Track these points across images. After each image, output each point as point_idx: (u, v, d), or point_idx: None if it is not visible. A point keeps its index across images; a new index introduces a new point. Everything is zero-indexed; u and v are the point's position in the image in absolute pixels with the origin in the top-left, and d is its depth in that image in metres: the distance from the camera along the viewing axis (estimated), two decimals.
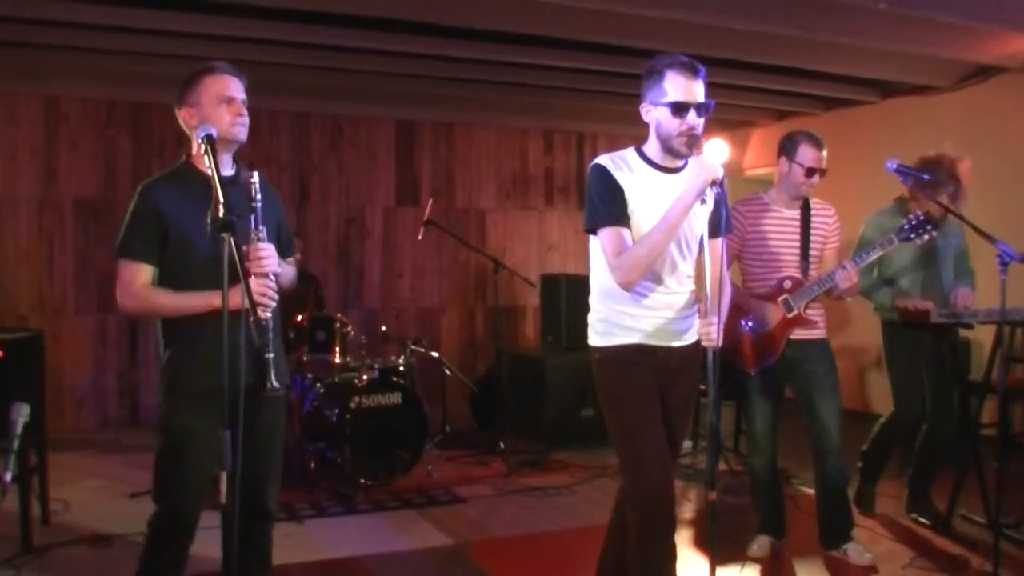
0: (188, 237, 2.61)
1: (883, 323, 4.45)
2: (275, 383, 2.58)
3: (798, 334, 3.83)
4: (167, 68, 5.89)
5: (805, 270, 3.85)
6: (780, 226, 3.87)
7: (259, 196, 2.58)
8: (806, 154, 3.78)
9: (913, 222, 3.71)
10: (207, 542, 2.81)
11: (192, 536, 2.71)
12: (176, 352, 2.68)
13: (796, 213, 3.88)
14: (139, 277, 2.62)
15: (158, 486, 2.70)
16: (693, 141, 2.73)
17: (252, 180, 2.58)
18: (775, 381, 3.93)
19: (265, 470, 2.75)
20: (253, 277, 2.52)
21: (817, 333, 3.88)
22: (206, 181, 2.57)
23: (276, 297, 2.61)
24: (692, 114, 2.73)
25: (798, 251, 3.86)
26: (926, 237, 3.73)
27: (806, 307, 3.80)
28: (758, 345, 3.84)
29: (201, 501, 2.70)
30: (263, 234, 2.59)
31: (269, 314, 2.57)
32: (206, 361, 2.57)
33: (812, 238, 3.87)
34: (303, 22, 5.22)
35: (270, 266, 2.59)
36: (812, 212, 3.90)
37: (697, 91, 2.75)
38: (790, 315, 3.79)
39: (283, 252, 2.87)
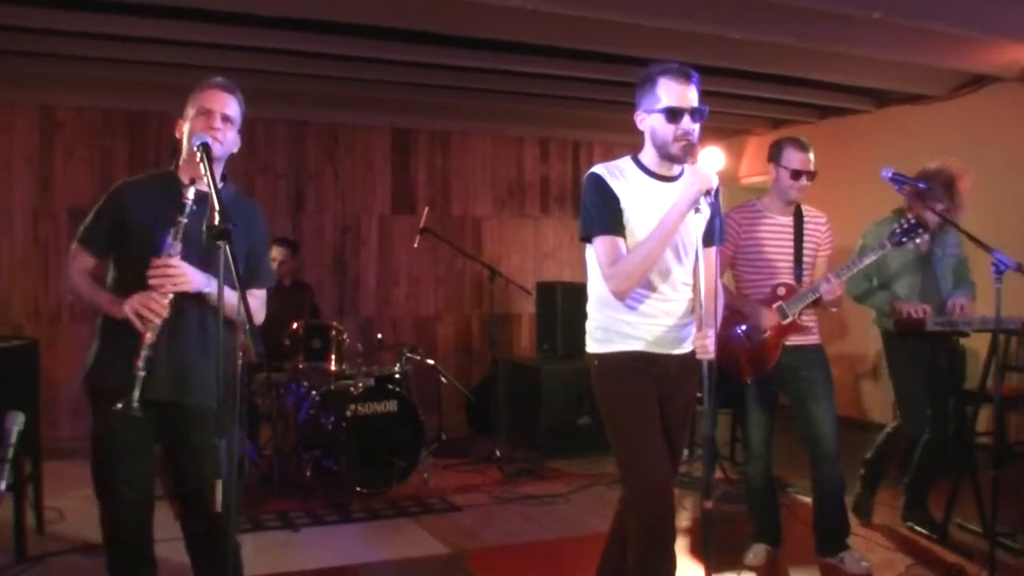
0: (148, 243, 2.58)
1: (883, 333, 4.44)
2: (134, 403, 2.46)
3: (793, 340, 3.83)
4: (162, 77, 5.89)
5: (799, 277, 3.86)
6: (774, 233, 3.88)
7: (187, 215, 2.50)
8: (791, 157, 3.80)
9: (905, 226, 3.72)
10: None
11: (144, 538, 2.70)
12: (99, 345, 2.71)
13: (789, 220, 3.90)
14: (79, 262, 2.77)
15: (94, 485, 2.69)
16: (689, 147, 2.72)
17: (186, 199, 2.50)
18: (770, 389, 3.94)
19: (201, 487, 2.56)
20: (154, 289, 2.50)
21: (812, 339, 3.89)
22: (181, 192, 2.56)
23: (161, 315, 2.51)
24: (686, 119, 2.73)
25: (792, 258, 3.87)
26: (918, 241, 3.74)
27: (800, 313, 3.81)
28: (754, 354, 3.84)
29: (139, 500, 2.68)
30: (177, 251, 2.52)
31: (143, 327, 2.50)
32: (119, 360, 2.56)
33: (805, 245, 3.89)
34: (299, 30, 5.22)
35: (168, 284, 2.51)
36: (805, 219, 3.91)
37: (690, 96, 2.74)
38: (785, 322, 3.79)
39: (249, 281, 2.80)
